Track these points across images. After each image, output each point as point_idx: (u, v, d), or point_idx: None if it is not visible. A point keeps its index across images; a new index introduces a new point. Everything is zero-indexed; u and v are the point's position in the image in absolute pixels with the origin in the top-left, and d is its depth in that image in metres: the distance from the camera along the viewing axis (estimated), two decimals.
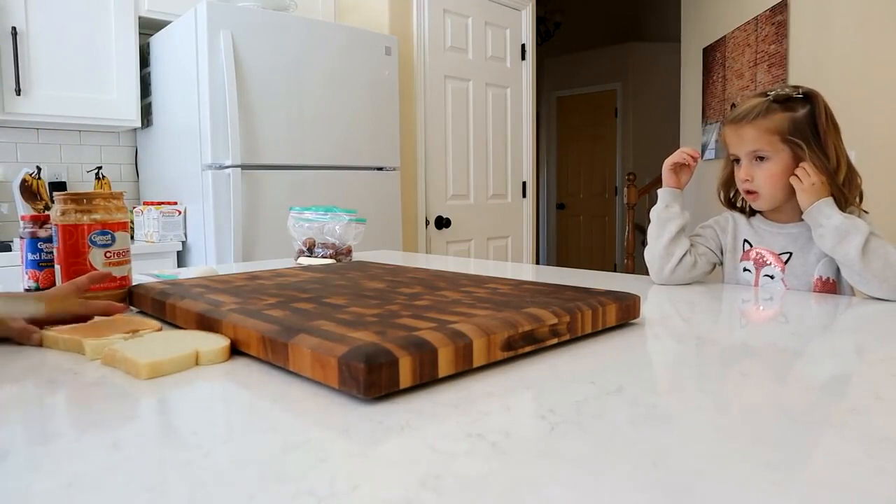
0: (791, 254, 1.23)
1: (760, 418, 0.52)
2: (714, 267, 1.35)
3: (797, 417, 0.52)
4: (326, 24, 2.75)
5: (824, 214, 1.14)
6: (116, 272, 1.00)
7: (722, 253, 1.34)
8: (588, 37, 6.91)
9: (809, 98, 1.20)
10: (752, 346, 0.80)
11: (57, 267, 0.97)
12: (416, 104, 3.25)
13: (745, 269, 1.30)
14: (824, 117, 1.19)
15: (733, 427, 0.50)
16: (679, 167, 1.32)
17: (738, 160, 1.26)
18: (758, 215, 1.32)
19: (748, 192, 1.25)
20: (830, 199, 1.15)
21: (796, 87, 1.21)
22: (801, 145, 1.17)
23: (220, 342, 0.72)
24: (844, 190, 1.18)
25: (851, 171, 1.21)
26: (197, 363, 0.69)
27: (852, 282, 1.14)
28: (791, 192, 1.20)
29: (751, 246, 1.29)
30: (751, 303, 1.11)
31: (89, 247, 0.97)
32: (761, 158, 1.21)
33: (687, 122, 4.74)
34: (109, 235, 0.98)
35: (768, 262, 1.26)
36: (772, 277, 1.25)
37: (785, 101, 1.20)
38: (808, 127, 1.18)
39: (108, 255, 0.98)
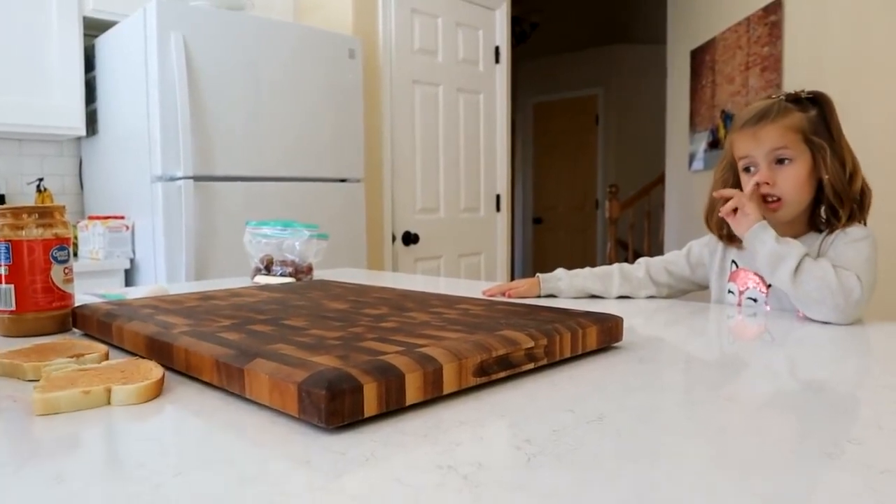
0: None
1: (752, 448, 0.52)
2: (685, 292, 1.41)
3: (792, 447, 0.52)
4: (285, 25, 2.75)
5: (759, 240, 1.13)
6: (69, 289, 1.01)
7: (701, 278, 1.38)
8: (567, 38, 6.98)
9: (818, 99, 1.20)
10: (743, 370, 0.80)
11: (7, 287, 0.96)
12: (382, 111, 3.26)
13: (729, 291, 1.30)
14: (837, 120, 1.18)
15: (723, 457, 0.51)
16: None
17: (748, 169, 1.22)
18: None
19: (767, 201, 1.19)
20: (766, 223, 1.14)
21: (800, 90, 1.21)
22: (824, 146, 1.15)
23: (146, 379, 0.67)
24: (857, 202, 1.16)
25: (865, 180, 1.18)
26: (109, 403, 0.65)
27: (801, 310, 1.11)
28: (810, 200, 1.18)
29: (737, 267, 1.30)
30: (740, 324, 1.12)
31: (51, 263, 0.97)
32: (781, 161, 1.17)
33: (673, 129, 4.76)
34: (67, 251, 0.99)
35: (751, 285, 1.25)
36: (755, 301, 1.25)
37: (796, 101, 1.19)
38: (823, 129, 1.18)
39: (66, 271, 1.00)
